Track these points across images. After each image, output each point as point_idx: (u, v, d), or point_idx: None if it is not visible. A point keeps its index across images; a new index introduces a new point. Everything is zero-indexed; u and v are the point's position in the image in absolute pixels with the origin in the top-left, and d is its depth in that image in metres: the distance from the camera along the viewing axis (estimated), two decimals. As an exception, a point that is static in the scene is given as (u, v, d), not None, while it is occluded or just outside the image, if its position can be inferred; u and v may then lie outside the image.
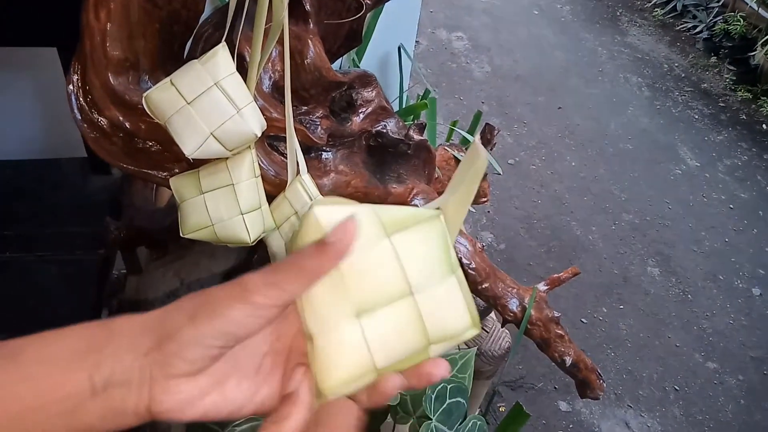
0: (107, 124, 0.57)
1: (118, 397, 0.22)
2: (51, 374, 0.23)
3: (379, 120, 0.72)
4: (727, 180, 2.38)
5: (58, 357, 0.23)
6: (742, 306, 1.87)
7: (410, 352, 0.24)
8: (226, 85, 0.51)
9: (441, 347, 0.25)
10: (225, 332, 0.22)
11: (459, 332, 0.25)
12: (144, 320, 0.24)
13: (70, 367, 0.23)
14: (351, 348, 0.24)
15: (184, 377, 0.23)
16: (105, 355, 0.23)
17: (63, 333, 0.24)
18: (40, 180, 0.91)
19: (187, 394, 0.23)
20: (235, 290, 0.22)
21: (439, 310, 0.24)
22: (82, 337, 0.24)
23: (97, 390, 0.22)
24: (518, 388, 1.52)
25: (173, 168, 0.59)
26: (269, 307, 0.22)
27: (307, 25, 0.59)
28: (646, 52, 3.18)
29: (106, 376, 0.22)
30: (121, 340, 0.23)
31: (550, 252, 1.94)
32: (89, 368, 0.23)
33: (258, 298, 0.22)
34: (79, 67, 0.56)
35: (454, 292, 0.25)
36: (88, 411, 0.22)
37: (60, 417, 0.22)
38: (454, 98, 2.57)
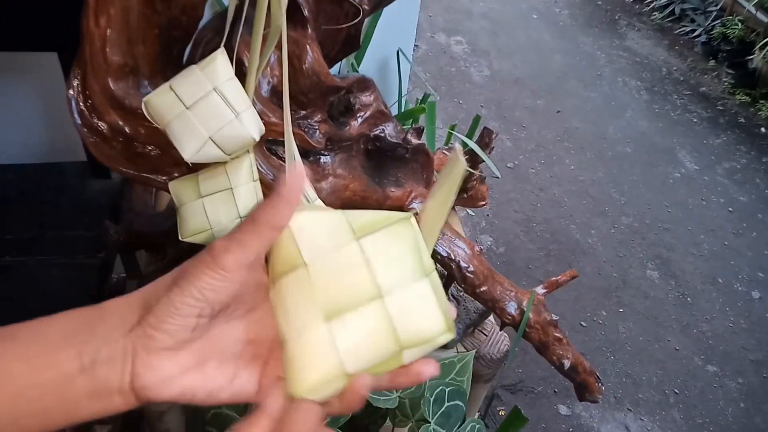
0: (107, 128, 0.57)
1: (104, 374, 0.23)
2: (44, 353, 0.23)
3: (378, 124, 0.72)
4: (726, 183, 2.39)
5: (51, 337, 0.24)
6: (742, 309, 1.87)
7: (382, 356, 0.24)
8: (225, 89, 0.52)
9: (415, 352, 0.24)
10: (198, 298, 0.23)
11: (432, 336, 0.24)
12: (130, 297, 0.25)
13: (62, 347, 0.23)
14: (320, 352, 0.24)
15: (165, 352, 0.23)
16: (95, 335, 0.24)
17: (58, 316, 0.25)
18: (40, 184, 0.91)
19: (167, 371, 0.23)
20: (204, 257, 0.23)
21: (410, 313, 0.24)
22: (76, 318, 0.24)
23: (85, 367, 0.23)
24: (517, 391, 1.52)
25: (172, 172, 0.59)
26: (236, 268, 0.23)
27: (306, 30, 0.60)
28: (645, 55, 3.20)
29: (93, 353, 0.23)
30: (111, 319, 0.24)
31: (549, 255, 1.94)
32: (79, 346, 0.23)
33: (224, 259, 0.23)
34: (80, 72, 0.56)
35: (427, 295, 0.24)
36: (78, 388, 0.23)
37: (52, 395, 0.23)
38: (453, 102, 2.57)
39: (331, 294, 0.24)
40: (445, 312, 0.24)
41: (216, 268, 0.23)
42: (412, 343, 0.24)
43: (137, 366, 0.23)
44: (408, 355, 0.24)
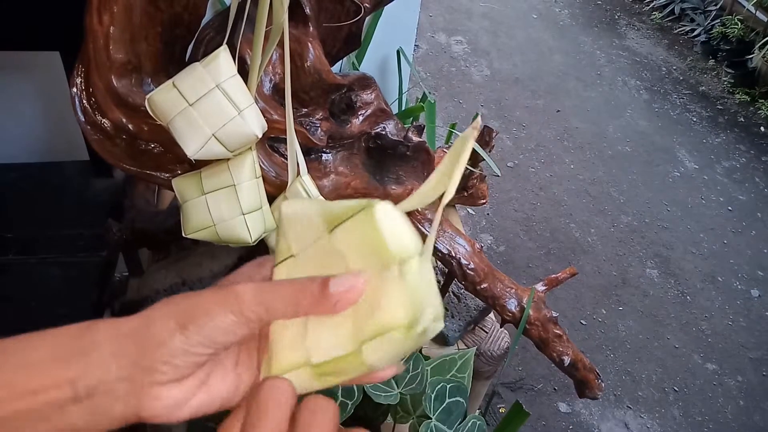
0: (110, 126, 0.58)
1: (103, 404, 0.23)
2: (32, 380, 0.23)
3: (378, 122, 0.72)
4: (725, 182, 2.39)
5: (39, 362, 0.23)
6: (741, 307, 1.87)
7: (343, 347, 0.23)
8: (228, 87, 0.52)
9: (376, 345, 0.22)
10: (214, 340, 0.23)
11: (389, 326, 0.22)
12: (128, 326, 0.24)
13: (51, 374, 0.23)
14: (292, 342, 0.24)
15: (171, 383, 0.23)
16: (89, 362, 0.23)
17: (44, 336, 0.24)
18: (42, 183, 0.91)
19: (174, 399, 0.23)
20: (228, 299, 0.23)
21: (372, 303, 0.23)
22: (64, 342, 0.23)
23: (80, 397, 0.22)
24: (518, 389, 1.52)
25: (175, 169, 0.60)
26: (257, 322, 0.23)
27: (307, 28, 0.60)
28: (644, 55, 3.20)
29: (90, 384, 0.22)
30: (105, 347, 0.23)
31: (549, 254, 1.95)
32: (71, 375, 0.22)
33: (249, 314, 0.23)
34: (83, 70, 0.56)
35: (391, 284, 0.22)
36: (72, 415, 0.23)
37: (43, 421, 0.23)
38: (454, 101, 2.58)
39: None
40: (415, 302, 0.22)
41: (238, 317, 0.23)
42: (370, 333, 0.22)
43: (143, 399, 0.23)
44: (369, 350, 0.23)
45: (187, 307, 0.23)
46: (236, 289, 0.23)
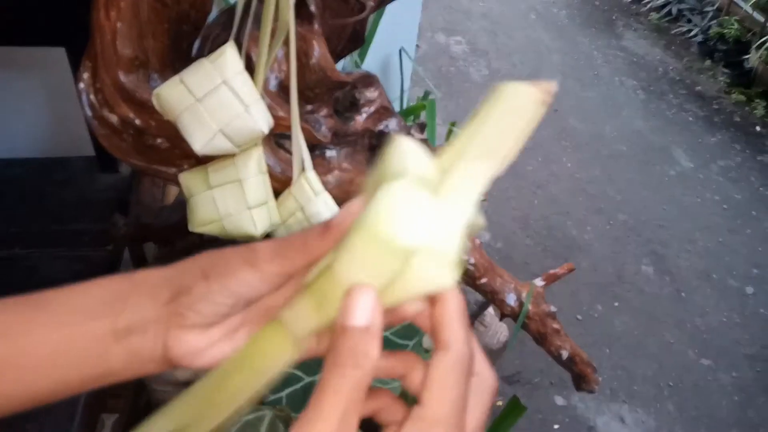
0: (117, 121, 0.59)
1: (138, 344, 0.24)
2: (79, 322, 0.24)
3: (382, 119, 0.74)
4: (721, 181, 2.41)
5: (85, 306, 0.25)
6: (736, 304, 1.89)
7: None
8: (235, 82, 0.53)
9: (349, 258, 0.22)
10: (234, 292, 0.24)
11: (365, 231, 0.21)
12: (163, 273, 0.26)
13: (96, 316, 0.24)
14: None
15: (197, 329, 0.24)
16: (128, 305, 0.25)
17: (88, 285, 0.26)
18: (47, 178, 0.92)
19: (198, 345, 0.24)
20: (248, 254, 0.24)
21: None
22: (107, 287, 0.25)
23: (119, 336, 0.24)
24: (515, 382, 1.54)
25: (182, 164, 0.61)
26: (276, 275, 0.24)
27: (312, 26, 0.61)
28: (642, 55, 3.22)
29: (127, 323, 0.24)
30: (142, 290, 0.25)
31: (546, 251, 1.96)
32: (113, 316, 0.24)
33: (266, 266, 0.24)
34: (90, 65, 0.57)
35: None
36: (112, 356, 0.24)
37: (87, 361, 0.24)
38: (453, 101, 2.59)
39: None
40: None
41: (256, 271, 0.23)
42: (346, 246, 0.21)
43: (170, 339, 0.24)
44: (343, 261, 0.21)
45: (213, 258, 0.24)
46: (255, 246, 0.24)
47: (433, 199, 0.22)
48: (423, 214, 0.21)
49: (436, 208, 0.21)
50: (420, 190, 0.21)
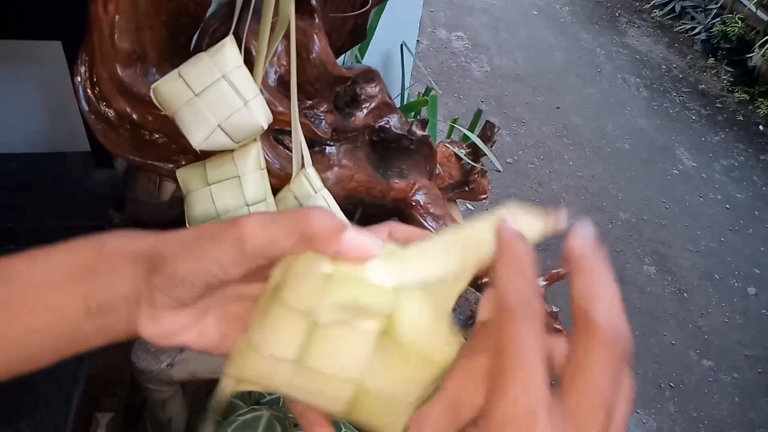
0: (115, 115, 0.57)
1: (111, 321, 0.23)
2: (47, 297, 0.23)
3: (383, 115, 0.72)
4: (723, 180, 2.40)
5: (50, 279, 0.23)
6: (738, 305, 1.89)
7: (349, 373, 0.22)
8: (234, 77, 0.52)
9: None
10: (208, 273, 0.22)
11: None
12: (139, 245, 0.24)
13: (65, 291, 0.23)
14: (265, 373, 0.23)
15: (167, 310, 0.23)
16: (99, 280, 0.23)
17: (52, 253, 0.24)
18: (43, 173, 0.91)
19: (167, 327, 0.24)
20: (230, 232, 0.22)
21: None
22: (73, 258, 0.24)
23: (92, 313, 0.23)
24: (516, 384, 1.53)
25: (180, 160, 0.60)
26: (257, 258, 0.22)
27: (313, 20, 0.60)
28: (645, 53, 3.20)
29: (100, 300, 0.23)
30: (113, 265, 0.23)
31: (547, 250, 1.95)
32: (84, 292, 0.23)
33: (249, 248, 0.22)
34: (87, 59, 0.56)
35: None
36: (86, 331, 0.24)
37: (60, 337, 0.23)
38: (454, 97, 2.58)
39: (316, 351, 0.22)
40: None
41: (239, 251, 0.22)
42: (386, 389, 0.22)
43: (141, 319, 0.23)
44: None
45: (193, 235, 0.23)
46: (239, 221, 0.22)
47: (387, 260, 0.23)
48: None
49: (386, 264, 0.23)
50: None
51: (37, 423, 0.67)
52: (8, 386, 0.64)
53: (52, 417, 0.67)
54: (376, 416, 0.23)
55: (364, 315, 0.22)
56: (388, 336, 0.22)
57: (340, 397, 0.22)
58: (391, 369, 0.22)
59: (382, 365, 0.22)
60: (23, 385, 0.67)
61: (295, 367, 0.22)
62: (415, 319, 0.22)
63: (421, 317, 0.22)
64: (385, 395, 0.22)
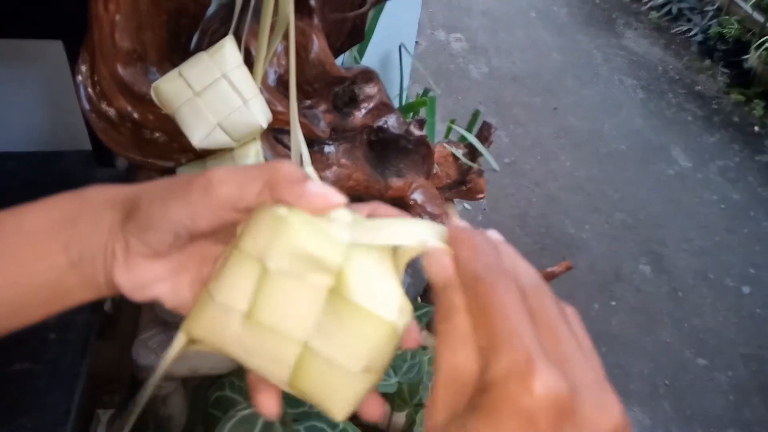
0: (115, 114, 0.58)
1: (90, 269, 0.24)
2: (31, 247, 0.23)
3: (381, 116, 0.73)
4: (719, 181, 2.42)
5: (35, 230, 0.24)
6: (733, 304, 1.90)
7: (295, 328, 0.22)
8: (234, 76, 0.53)
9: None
10: (177, 221, 0.22)
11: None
12: (117, 193, 0.24)
13: (48, 240, 0.23)
14: (217, 327, 0.23)
15: (141, 258, 0.23)
16: (78, 229, 0.24)
17: (37, 206, 0.24)
18: (43, 172, 0.91)
19: (141, 277, 0.24)
20: (198, 179, 0.23)
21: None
22: (57, 209, 0.24)
23: (73, 262, 0.23)
24: (512, 382, 1.54)
25: (180, 158, 0.60)
26: (226, 208, 0.22)
27: (312, 20, 0.61)
28: (641, 54, 3.22)
29: (80, 249, 0.23)
30: (91, 212, 0.24)
31: (544, 249, 1.97)
32: (64, 240, 0.23)
33: (216, 195, 0.22)
34: (88, 58, 0.57)
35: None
36: (70, 281, 0.24)
37: (45, 288, 0.24)
38: (452, 98, 2.59)
39: (265, 304, 0.22)
40: None
41: (206, 199, 0.22)
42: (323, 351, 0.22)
43: (115, 266, 0.23)
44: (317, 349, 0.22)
45: (167, 183, 0.23)
46: (209, 171, 0.23)
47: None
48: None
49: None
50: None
51: (38, 420, 0.67)
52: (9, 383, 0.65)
53: (53, 414, 0.68)
54: (321, 386, 0.22)
55: (315, 267, 0.22)
56: (338, 295, 0.22)
57: (285, 359, 0.22)
58: (339, 331, 0.21)
59: (329, 327, 0.21)
60: (24, 382, 0.68)
61: (244, 321, 0.22)
62: (367, 280, 0.21)
63: (375, 279, 0.22)
64: (331, 360, 0.21)
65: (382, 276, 0.22)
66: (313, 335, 0.22)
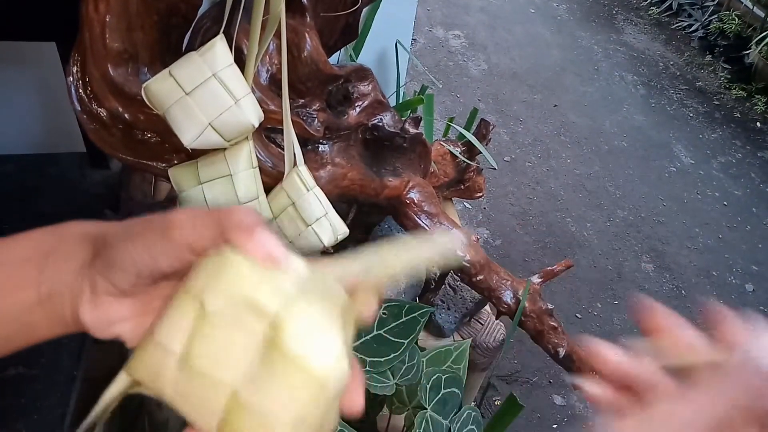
0: (107, 115, 0.58)
1: (58, 306, 0.24)
2: (4, 281, 0.24)
3: (375, 113, 0.73)
4: (721, 177, 2.40)
5: (10, 264, 0.24)
6: (736, 302, 1.89)
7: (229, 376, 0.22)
8: (224, 76, 0.52)
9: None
10: (139, 260, 0.23)
11: None
12: (90, 229, 0.25)
13: (20, 275, 0.24)
14: (155, 368, 0.23)
15: (107, 296, 0.24)
16: (50, 265, 0.24)
17: (16, 239, 0.25)
18: (38, 174, 0.91)
19: (106, 314, 0.24)
20: (161, 220, 0.23)
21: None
22: (33, 243, 0.24)
23: (42, 299, 0.24)
24: (513, 382, 1.53)
25: (172, 159, 0.60)
26: (184, 249, 0.23)
27: (304, 19, 0.60)
28: (642, 50, 3.20)
29: (49, 285, 0.24)
30: (66, 248, 0.24)
31: (545, 248, 1.95)
32: (36, 276, 0.24)
33: (175, 236, 0.23)
34: (79, 59, 0.56)
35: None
36: (37, 317, 0.24)
37: (13, 323, 0.24)
38: (451, 96, 2.58)
39: (199, 346, 0.22)
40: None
41: (164, 240, 0.23)
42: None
43: (81, 303, 0.23)
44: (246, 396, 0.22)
45: (135, 225, 0.24)
46: (170, 214, 0.23)
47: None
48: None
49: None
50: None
51: (35, 424, 0.67)
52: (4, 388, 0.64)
53: (49, 418, 0.67)
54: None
55: (253, 312, 0.21)
56: (273, 344, 0.21)
57: (215, 406, 0.21)
58: (270, 381, 0.21)
59: (262, 377, 0.21)
60: (19, 386, 0.67)
61: (180, 364, 0.22)
62: (305, 332, 0.21)
63: (313, 332, 0.21)
64: (261, 411, 0.21)
65: (322, 330, 0.21)
66: (244, 383, 0.21)
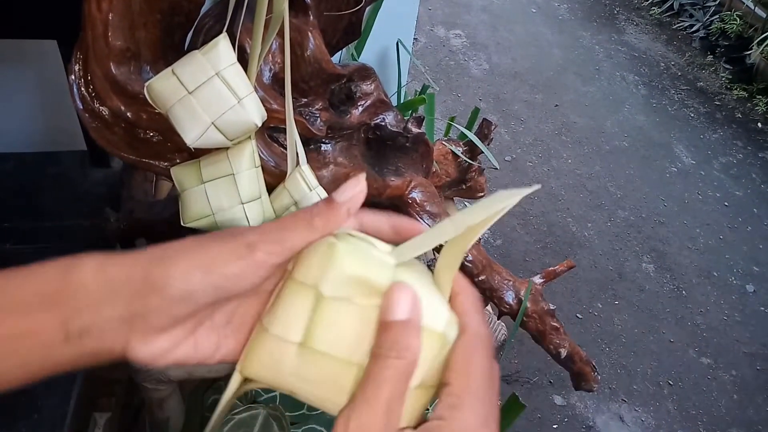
0: (109, 113, 0.57)
1: (92, 344, 0.22)
2: (21, 321, 0.22)
3: (378, 113, 0.72)
4: (722, 178, 2.40)
5: (26, 303, 0.22)
6: (736, 302, 1.89)
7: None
8: (227, 75, 0.52)
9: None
10: (219, 288, 0.22)
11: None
12: (119, 269, 0.23)
13: (40, 315, 0.22)
14: (275, 359, 0.23)
15: (162, 330, 0.23)
16: (78, 304, 0.22)
17: (26, 275, 0.23)
18: (39, 173, 0.91)
19: (161, 347, 0.23)
20: (236, 245, 0.22)
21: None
22: (48, 280, 0.23)
23: (71, 337, 0.22)
24: (514, 382, 1.53)
25: (174, 158, 0.59)
26: (269, 265, 0.22)
27: (307, 18, 0.60)
28: (643, 50, 3.20)
29: (83, 325, 0.22)
30: (93, 288, 0.22)
31: (545, 248, 1.95)
32: (62, 316, 0.22)
33: (260, 255, 0.22)
34: (81, 57, 0.56)
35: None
36: (62, 355, 0.23)
37: (32, 362, 0.23)
38: (452, 95, 2.57)
39: (321, 330, 0.23)
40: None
41: (248, 262, 0.22)
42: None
43: (132, 343, 0.22)
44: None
45: (192, 252, 0.22)
46: (243, 233, 0.22)
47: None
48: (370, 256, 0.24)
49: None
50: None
51: (35, 424, 0.67)
52: (3, 386, 0.62)
53: (50, 418, 0.67)
54: None
55: (367, 289, 0.22)
56: None
57: (342, 383, 0.22)
58: None
59: None
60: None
61: (300, 350, 0.22)
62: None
63: (423, 298, 0.23)
64: None
65: (426, 292, 0.23)
66: (369, 357, 0.23)
